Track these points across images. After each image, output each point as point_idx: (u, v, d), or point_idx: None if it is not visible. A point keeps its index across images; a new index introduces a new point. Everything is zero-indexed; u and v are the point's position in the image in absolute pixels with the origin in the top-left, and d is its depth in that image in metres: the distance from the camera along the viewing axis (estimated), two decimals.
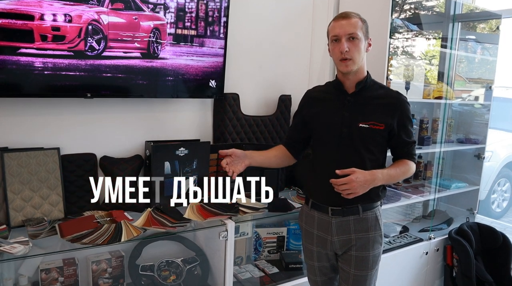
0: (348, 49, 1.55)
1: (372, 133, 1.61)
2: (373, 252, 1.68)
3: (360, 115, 1.62)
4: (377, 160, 1.66)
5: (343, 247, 1.69)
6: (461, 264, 2.67)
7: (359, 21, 1.58)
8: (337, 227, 1.67)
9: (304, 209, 1.82)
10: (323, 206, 1.69)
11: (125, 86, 1.89)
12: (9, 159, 1.72)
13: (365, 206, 1.66)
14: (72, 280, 1.86)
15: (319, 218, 1.72)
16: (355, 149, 1.62)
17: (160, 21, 1.91)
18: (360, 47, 1.57)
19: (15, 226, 1.71)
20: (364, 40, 1.59)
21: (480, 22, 3.34)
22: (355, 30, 1.55)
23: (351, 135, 1.62)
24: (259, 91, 2.50)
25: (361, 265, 1.67)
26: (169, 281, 2.05)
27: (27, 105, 1.82)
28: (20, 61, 1.62)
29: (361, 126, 1.60)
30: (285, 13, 2.54)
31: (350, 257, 1.68)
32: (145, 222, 1.82)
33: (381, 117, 1.61)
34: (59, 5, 1.65)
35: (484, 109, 3.16)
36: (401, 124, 1.64)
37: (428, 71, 3.02)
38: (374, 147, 1.63)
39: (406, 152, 1.69)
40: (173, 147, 2.04)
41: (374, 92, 1.65)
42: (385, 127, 1.61)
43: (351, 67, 1.58)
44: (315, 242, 1.75)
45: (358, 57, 1.58)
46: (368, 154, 1.63)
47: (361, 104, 1.63)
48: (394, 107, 1.62)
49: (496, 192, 4.83)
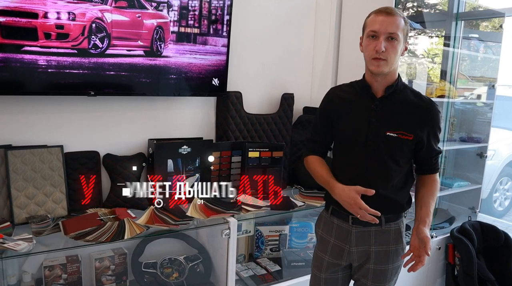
0: (385, 49, 1.41)
1: (399, 144, 1.49)
2: (392, 265, 1.59)
3: (388, 123, 1.49)
4: (402, 171, 1.54)
5: (361, 259, 1.59)
6: (463, 263, 2.67)
7: (402, 20, 1.43)
8: (357, 237, 1.57)
9: (323, 215, 1.70)
10: (343, 214, 1.56)
11: (128, 84, 1.90)
12: (13, 156, 1.73)
13: (388, 217, 1.55)
14: (75, 277, 1.87)
15: (338, 225, 1.61)
16: (381, 159, 1.50)
17: (163, 19, 1.91)
18: (398, 49, 1.44)
19: (19, 223, 1.72)
20: (403, 42, 1.45)
21: (483, 21, 3.33)
22: (397, 30, 1.41)
23: (377, 144, 1.49)
24: (262, 89, 2.50)
25: (379, 278, 1.59)
26: (171, 278, 2.06)
27: (31, 103, 1.82)
28: (24, 59, 1.63)
29: (388, 135, 1.48)
30: (288, 12, 2.54)
31: (367, 270, 1.59)
32: (148, 219, 1.83)
33: (411, 127, 1.48)
34: (63, 3, 1.65)
35: (487, 108, 3.15)
36: (431, 136, 1.52)
37: (431, 70, 3.02)
38: (400, 157, 1.51)
39: (433, 164, 1.58)
40: (176, 145, 2.05)
41: (405, 98, 1.51)
42: (414, 138, 1.48)
43: (382, 68, 1.44)
44: (329, 251, 1.63)
45: (393, 60, 1.44)
46: (394, 165, 1.51)
47: (390, 111, 1.50)
48: (426, 118, 1.49)
49: (498, 191, 4.82)
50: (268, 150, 2.27)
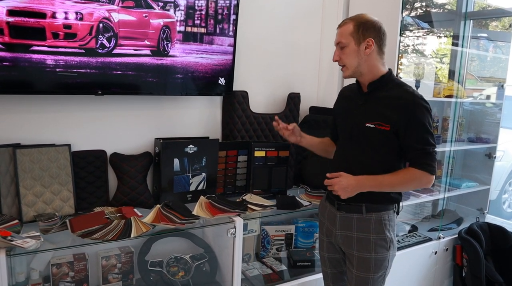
0: (338, 58, 1.63)
1: (377, 134, 1.58)
2: (375, 255, 1.64)
3: (368, 115, 1.61)
4: (384, 162, 1.62)
5: (345, 243, 1.70)
6: (471, 264, 2.65)
7: (350, 26, 1.58)
8: (341, 221, 1.70)
9: (322, 199, 1.88)
10: (332, 199, 1.73)
11: (135, 83, 1.91)
12: (21, 155, 1.75)
13: (369, 207, 1.64)
14: (82, 275, 1.88)
15: (329, 209, 1.76)
16: (362, 149, 1.63)
17: (170, 19, 1.92)
18: (349, 53, 1.59)
19: (27, 221, 1.74)
20: (356, 44, 1.58)
21: (493, 20, 3.30)
22: (341, 38, 1.60)
23: (360, 135, 1.63)
24: (268, 89, 2.50)
25: (363, 267, 1.65)
26: (177, 277, 2.07)
27: (39, 102, 1.84)
28: (32, 58, 1.64)
29: (367, 126, 1.60)
30: (294, 11, 2.53)
31: (352, 257, 1.68)
32: (154, 218, 1.83)
33: (388, 117, 1.56)
34: (71, 3, 1.67)
35: (496, 108, 3.12)
36: (408, 126, 1.54)
37: (439, 70, 3.00)
38: (381, 147, 1.61)
39: (413, 158, 1.60)
40: (182, 144, 2.05)
41: (387, 92, 1.61)
42: (391, 128, 1.56)
43: (345, 73, 1.64)
44: (325, 232, 1.80)
45: (352, 63, 1.60)
46: (376, 155, 1.62)
47: (371, 104, 1.62)
48: (403, 108, 1.54)
49: (507, 192, 4.77)
50: (274, 149, 2.27)
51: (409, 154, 1.60)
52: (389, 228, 1.66)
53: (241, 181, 2.30)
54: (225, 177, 2.25)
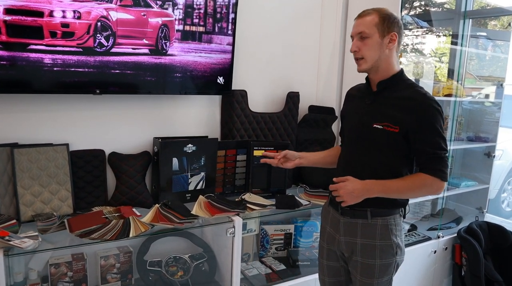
0: (357, 49, 1.51)
1: (385, 136, 1.50)
2: (380, 261, 1.57)
3: (376, 116, 1.53)
4: (392, 166, 1.54)
5: (348, 250, 1.62)
6: (470, 263, 2.65)
7: (375, 17, 1.49)
8: (345, 227, 1.62)
9: (325, 204, 1.80)
10: (335, 204, 1.63)
11: (133, 82, 1.90)
12: (19, 154, 1.74)
13: (375, 212, 1.56)
14: (80, 275, 1.88)
15: (333, 215, 1.68)
16: (370, 152, 1.55)
17: (168, 18, 1.91)
18: (371, 45, 1.49)
19: (25, 220, 1.74)
20: (381, 36, 1.49)
21: (492, 19, 3.30)
22: (365, 28, 1.49)
23: (366, 136, 1.55)
24: (267, 88, 2.50)
25: (367, 273, 1.58)
26: (176, 277, 2.06)
27: (36, 101, 1.83)
28: (30, 57, 1.64)
29: (375, 127, 1.52)
30: (293, 10, 2.53)
31: (356, 263, 1.61)
32: (153, 218, 1.83)
33: (397, 119, 1.49)
34: (68, 2, 1.66)
35: (495, 107, 3.12)
36: (419, 129, 1.47)
37: (438, 69, 2.99)
38: (388, 150, 1.53)
39: (424, 163, 1.51)
40: (181, 143, 2.05)
41: (397, 93, 1.53)
42: (400, 131, 1.48)
43: (362, 67, 1.53)
44: (326, 239, 1.72)
45: (372, 55, 1.50)
46: (382, 157, 1.54)
47: (380, 104, 1.55)
48: (414, 110, 1.47)
49: (506, 191, 4.77)
50: (273, 149, 2.27)
51: (420, 158, 1.52)
52: (396, 233, 1.58)
53: (240, 180, 2.30)
54: (224, 176, 2.25)
